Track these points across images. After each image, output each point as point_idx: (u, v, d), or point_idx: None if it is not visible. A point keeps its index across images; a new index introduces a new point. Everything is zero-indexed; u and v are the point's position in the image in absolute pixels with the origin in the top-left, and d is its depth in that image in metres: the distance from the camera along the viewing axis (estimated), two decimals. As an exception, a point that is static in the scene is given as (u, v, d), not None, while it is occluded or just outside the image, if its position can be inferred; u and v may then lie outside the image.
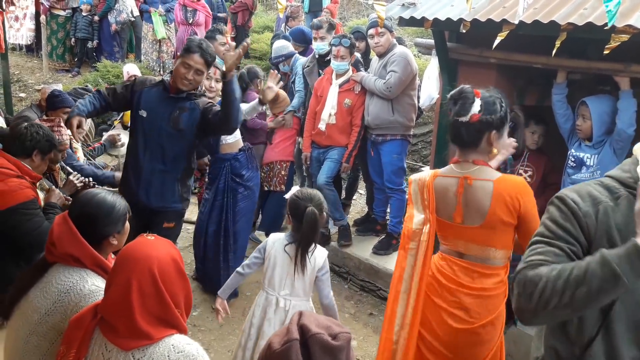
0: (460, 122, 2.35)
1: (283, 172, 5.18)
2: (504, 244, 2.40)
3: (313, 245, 2.82)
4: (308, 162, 5.03)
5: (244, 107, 4.14)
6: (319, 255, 2.86)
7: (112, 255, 2.25)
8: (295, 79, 5.42)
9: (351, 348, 1.37)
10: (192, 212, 5.15)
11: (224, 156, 4.25)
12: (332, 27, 4.94)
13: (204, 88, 4.02)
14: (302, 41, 6.00)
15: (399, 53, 4.50)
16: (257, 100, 4.32)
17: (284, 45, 5.63)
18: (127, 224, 2.21)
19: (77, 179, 3.74)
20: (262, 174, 5.01)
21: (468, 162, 2.41)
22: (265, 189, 5.13)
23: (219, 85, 3.82)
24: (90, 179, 3.95)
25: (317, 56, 5.12)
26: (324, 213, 2.82)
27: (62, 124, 3.82)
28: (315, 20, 5.12)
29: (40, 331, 1.96)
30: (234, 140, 4.26)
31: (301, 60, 5.49)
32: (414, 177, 2.57)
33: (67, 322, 1.90)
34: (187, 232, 5.51)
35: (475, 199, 2.36)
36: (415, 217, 2.52)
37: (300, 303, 2.85)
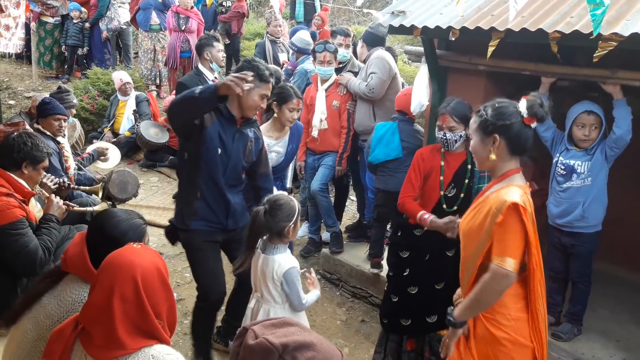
0: (529, 127, 2.29)
1: None
2: None
3: (268, 248, 2.85)
4: (302, 172, 5.04)
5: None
6: (283, 263, 2.81)
7: None
8: (296, 78, 5.54)
9: (271, 357, 1.29)
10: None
11: (278, 175, 4.10)
12: (336, 52, 4.81)
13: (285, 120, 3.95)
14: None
15: (374, 56, 4.60)
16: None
17: (303, 39, 5.81)
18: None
19: (51, 181, 3.70)
20: None
21: (521, 171, 2.36)
22: None
23: (296, 115, 3.90)
24: (66, 179, 3.92)
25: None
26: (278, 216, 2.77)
27: (27, 127, 3.78)
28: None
29: (49, 337, 1.97)
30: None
31: (306, 66, 5.63)
32: (518, 199, 2.19)
33: None
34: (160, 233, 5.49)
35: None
36: (533, 242, 2.24)
37: (269, 308, 2.88)
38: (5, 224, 3.05)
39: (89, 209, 3.85)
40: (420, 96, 4.51)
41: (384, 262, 4.39)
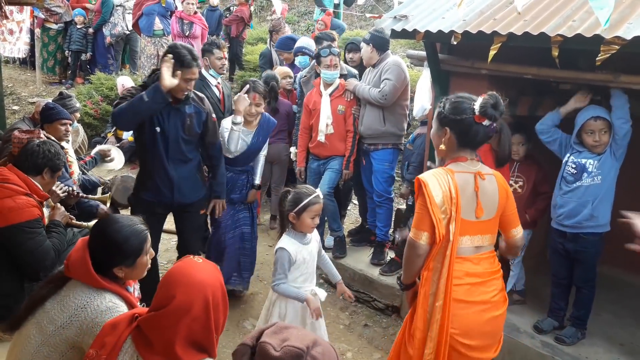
0: (481, 124, 2.42)
1: None
2: (497, 228, 2.62)
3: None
4: (302, 177, 5.05)
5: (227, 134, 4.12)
6: (280, 242, 3.13)
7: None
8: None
9: None
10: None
11: (246, 168, 4.30)
12: (339, 55, 4.89)
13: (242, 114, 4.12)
14: (289, 48, 6.10)
15: (391, 62, 4.59)
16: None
17: (308, 42, 5.83)
18: (144, 259, 2.20)
19: (60, 189, 3.73)
20: None
21: (474, 159, 2.52)
22: None
23: (260, 109, 4.17)
24: (75, 187, 3.94)
25: (315, 70, 5.09)
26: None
27: (42, 136, 3.81)
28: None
29: (52, 342, 2.00)
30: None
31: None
32: (428, 177, 2.43)
33: (82, 337, 1.93)
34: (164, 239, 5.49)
35: (488, 193, 2.48)
36: (443, 221, 2.41)
37: None
38: (24, 221, 3.15)
39: (84, 224, 3.84)
40: (423, 100, 4.53)
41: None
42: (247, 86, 4.14)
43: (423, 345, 2.50)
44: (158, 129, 3.49)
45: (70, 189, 3.85)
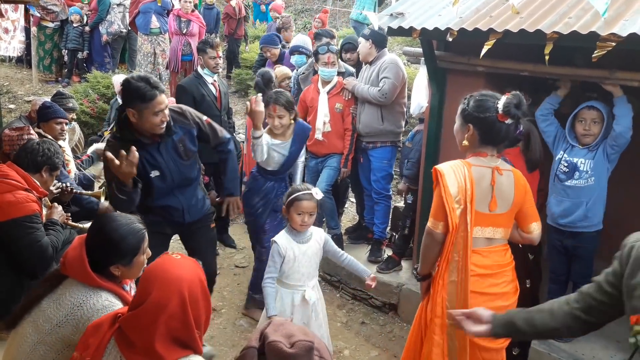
0: (504, 123, 2.48)
1: None
2: (512, 223, 2.69)
3: None
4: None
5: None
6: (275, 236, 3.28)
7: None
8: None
9: (313, 357, 1.35)
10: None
11: (285, 175, 4.12)
12: (338, 52, 4.88)
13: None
14: (276, 43, 6.17)
15: (389, 60, 4.59)
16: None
17: (305, 40, 5.84)
18: (141, 259, 2.20)
19: (54, 186, 3.73)
20: None
21: (494, 155, 2.58)
22: None
23: (284, 121, 3.91)
24: (68, 184, 3.94)
25: (313, 67, 5.08)
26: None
27: (32, 132, 3.81)
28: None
29: (49, 341, 2.00)
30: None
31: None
32: (444, 168, 2.52)
33: (78, 336, 1.93)
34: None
35: (504, 188, 2.55)
36: (457, 210, 2.49)
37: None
38: (23, 216, 3.16)
39: (79, 225, 3.84)
40: (419, 97, 4.54)
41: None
42: (258, 96, 3.84)
43: (444, 332, 2.60)
44: (155, 172, 3.23)
45: (64, 185, 3.84)
